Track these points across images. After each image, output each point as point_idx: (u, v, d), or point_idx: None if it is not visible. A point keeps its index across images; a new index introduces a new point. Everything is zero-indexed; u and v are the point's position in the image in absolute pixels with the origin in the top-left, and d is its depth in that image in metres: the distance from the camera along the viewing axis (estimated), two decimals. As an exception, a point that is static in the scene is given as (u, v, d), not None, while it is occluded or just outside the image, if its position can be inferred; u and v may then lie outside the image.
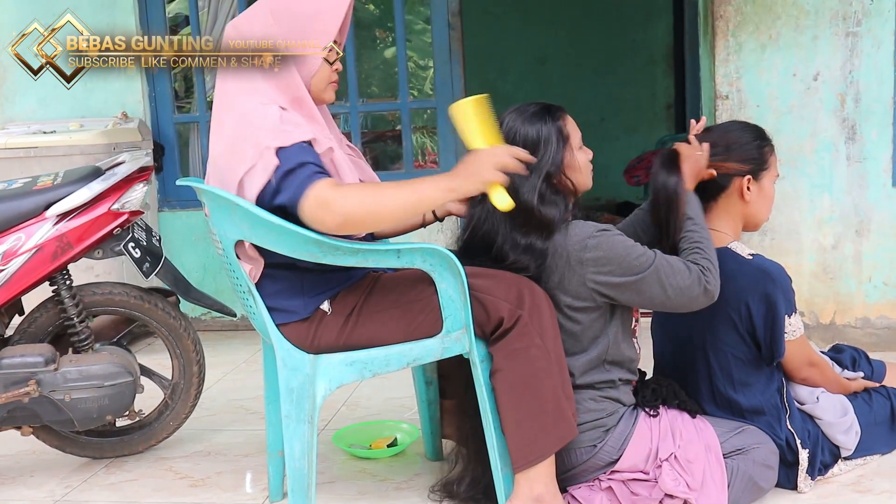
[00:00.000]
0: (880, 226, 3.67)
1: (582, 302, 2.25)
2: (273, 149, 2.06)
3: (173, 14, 7.09)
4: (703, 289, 2.21)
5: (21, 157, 3.95)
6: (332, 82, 2.28)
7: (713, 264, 2.25)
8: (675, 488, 2.22)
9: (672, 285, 2.20)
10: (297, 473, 2.24)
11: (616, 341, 2.30)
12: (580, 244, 2.23)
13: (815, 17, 3.60)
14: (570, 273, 2.23)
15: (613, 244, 2.22)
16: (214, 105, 2.29)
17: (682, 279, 2.20)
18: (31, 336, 2.78)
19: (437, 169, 4.75)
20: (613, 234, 2.24)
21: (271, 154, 2.06)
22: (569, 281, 2.24)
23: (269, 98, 2.17)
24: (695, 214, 2.34)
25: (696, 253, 2.27)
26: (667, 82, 8.01)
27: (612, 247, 2.21)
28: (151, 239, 2.84)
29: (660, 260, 2.21)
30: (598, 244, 2.22)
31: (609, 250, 2.21)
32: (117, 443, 2.92)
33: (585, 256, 2.22)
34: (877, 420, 2.55)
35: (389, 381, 3.30)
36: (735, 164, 2.41)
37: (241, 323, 4.33)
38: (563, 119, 2.31)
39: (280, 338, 2.24)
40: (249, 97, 2.18)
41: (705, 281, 2.21)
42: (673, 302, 2.22)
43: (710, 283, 2.22)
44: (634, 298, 2.24)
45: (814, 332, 3.69)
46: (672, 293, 2.20)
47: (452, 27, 4.44)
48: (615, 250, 2.21)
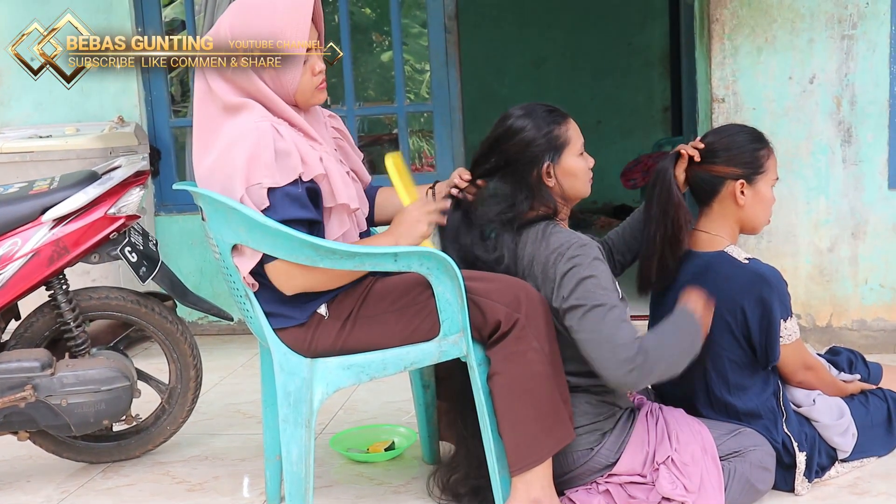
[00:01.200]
0: (876, 228, 3.68)
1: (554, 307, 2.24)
2: (265, 188, 2.10)
3: (169, 18, 7.08)
4: (628, 358, 2.09)
5: (17, 162, 3.95)
6: (319, 86, 2.28)
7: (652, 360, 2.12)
8: (672, 491, 2.22)
9: (606, 333, 2.11)
10: (295, 477, 2.23)
11: None
12: (556, 252, 2.21)
13: (810, 20, 3.61)
14: (543, 278, 2.23)
15: (588, 262, 2.17)
16: (195, 121, 2.28)
17: (620, 336, 2.11)
18: (28, 341, 2.77)
19: (434, 172, 4.75)
20: (592, 254, 2.19)
21: (262, 193, 2.11)
22: (543, 287, 2.23)
23: (259, 114, 2.17)
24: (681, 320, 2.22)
25: (647, 338, 2.17)
26: (663, 85, 8.02)
27: (585, 264, 2.17)
28: (148, 243, 2.84)
29: (618, 308, 2.14)
30: (570, 257, 2.19)
31: (581, 264, 2.17)
32: (114, 447, 2.91)
33: (558, 266, 2.20)
34: (873, 422, 2.55)
35: (387, 384, 3.30)
36: (728, 168, 2.40)
37: (238, 327, 4.33)
38: (566, 124, 2.31)
39: (277, 342, 2.24)
40: (239, 115, 2.18)
41: (632, 364, 2.10)
42: (594, 349, 2.13)
43: (636, 369, 2.09)
44: (570, 321, 2.17)
45: (810, 334, 3.70)
46: (600, 338, 2.11)
47: (449, 31, 4.45)
48: (585, 268, 2.16)
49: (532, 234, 2.28)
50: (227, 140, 2.16)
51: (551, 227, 2.27)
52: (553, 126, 2.29)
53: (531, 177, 2.28)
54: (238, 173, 2.11)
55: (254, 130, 2.13)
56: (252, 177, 2.10)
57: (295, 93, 2.24)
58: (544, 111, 2.31)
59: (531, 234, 2.28)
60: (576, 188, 2.32)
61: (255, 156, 2.11)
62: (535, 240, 2.27)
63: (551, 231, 2.26)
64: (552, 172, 2.28)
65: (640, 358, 2.11)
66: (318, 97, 2.29)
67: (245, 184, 2.10)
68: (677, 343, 2.21)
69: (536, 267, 2.25)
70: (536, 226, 2.29)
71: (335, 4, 4.70)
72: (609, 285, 2.18)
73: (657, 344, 2.17)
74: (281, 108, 2.20)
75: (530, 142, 2.27)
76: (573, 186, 2.32)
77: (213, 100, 2.23)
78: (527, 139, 2.28)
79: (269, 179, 2.10)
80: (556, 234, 2.25)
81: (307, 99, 2.27)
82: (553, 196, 2.31)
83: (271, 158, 2.10)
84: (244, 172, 2.11)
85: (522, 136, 2.28)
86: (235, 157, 2.12)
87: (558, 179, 2.29)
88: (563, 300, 2.18)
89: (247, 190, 2.10)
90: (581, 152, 2.32)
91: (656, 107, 8.14)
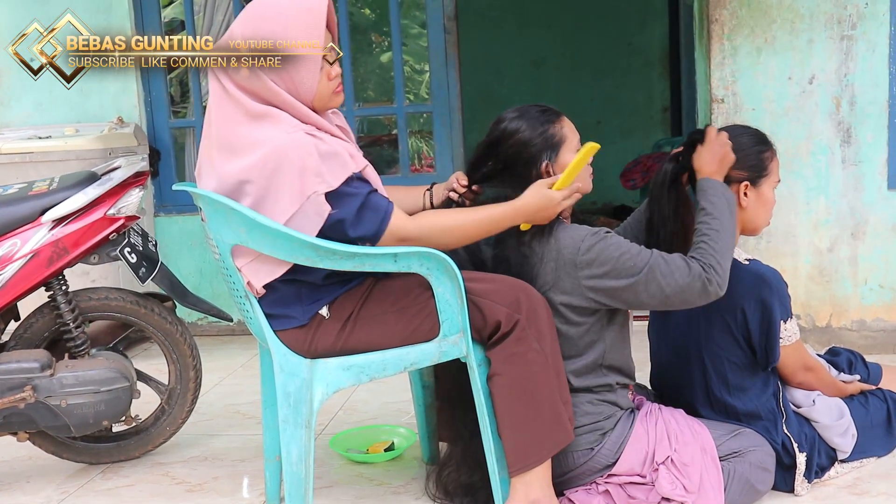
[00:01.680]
0: (876, 228, 3.68)
1: (578, 306, 2.25)
2: (321, 194, 2.09)
3: (169, 19, 7.08)
4: (703, 286, 2.17)
5: (16, 163, 3.95)
6: (336, 90, 2.26)
7: (719, 260, 2.19)
8: (671, 491, 2.22)
9: (669, 284, 2.18)
10: (295, 478, 2.23)
11: (613, 346, 2.31)
12: (574, 248, 2.22)
13: (810, 20, 3.61)
14: (564, 277, 2.23)
15: (607, 247, 2.21)
16: (215, 123, 2.22)
17: (679, 277, 2.18)
18: (27, 341, 2.77)
19: (434, 173, 4.75)
20: (607, 236, 2.23)
21: (321, 200, 2.09)
22: (563, 285, 2.24)
23: (289, 125, 2.14)
24: (710, 204, 2.26)
25: (700, 248, 2.22)
26: (663, 85, 8.02)
27: (605, 249, 2.21)
28: (147, 244, 2.84)
29: (655, 259, 2.20)
30: (590, 247, 2.21)
31: (602, 253, 2.20)
32: (114, 448, 2.91)
33: (580, 260, 2.22)
34: (873, 423, 2.55)
35: (386, 385, 3.29)
36: (732, 171, 2.39)
37: (238, 328, 4.33)
38: (560, 122, 2.32)
39: (277, 342, 2.24)
40: (264, 123, 2.15)
41: (705, 278, 2.17)
42: (672, 301, 2.20)
43: (712, 280, 2.18)
44: (632, 300, 2.23)
45: (810, 334, 3.70)
46: (670, 291, 2.18)
47: (448, 31, 4.45)
48: (609, 253, 2.20)
49: (539, 232, 2.28)
50: (263, 155, 2.12)
51: (557, 225, 2.28)
52: (548, 125, 2.30)
53: (531, 177, 2.28)
54: (287, 191, 2.09)
55: (291, 144, 2.11)
56: (306, 189, 2.09)
57: (313, 98, 2.21)
58: (537, 111, 2.32)
59: (537, 233, 2.29)
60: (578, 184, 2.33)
61: (303, 168, 2.08)
62: (541, 239, 2.27)
63: (558, 228, 2.27)
64: (552, 171, 2.29)
65: (707, 270, 2.18)
66: (335, 101, 2.28)
67: (301, 199, 2.09)
68: (721, 225, 2.24)
69: (551, 263, 2.25)
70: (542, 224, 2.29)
71: (335, 5, 4.70)
72: (632, 247, 2.21)
73: (709, 245, 2.21)
74: (305, 114, 2.19)
75: (527, 142, 2.28)
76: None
77: (232, 103, 2.20)
78: (523, 140, 2.28)
79: (323, 185, 2.09)
80: (568, 229, 2.27)
81: (325, 103, 2.25)
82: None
83: (318, 164, 2.09)
84: (297, 188, 2.09)
85: (518, 137, 2.28)
86: (282, 178, 2.10)
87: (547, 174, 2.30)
88: (603, 289, 2.21)
89: (303, 205, 2.09)
90: (578, 149, 2.33)
91: (656, 107, 8.14)
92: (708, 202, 2.28)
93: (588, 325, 2.27)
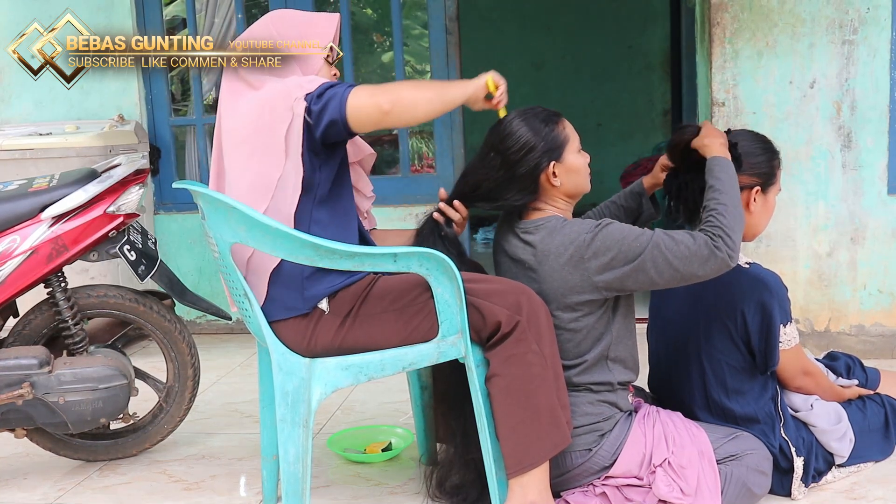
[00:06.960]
0: (875, 233, 3.68)
1: (586, 298, 2.25)
2: (301, 97, 2.14)
3: (170, 17, 7.07)
4: (710, 252, 2.14)
5: (17, 159, 3.95)
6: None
7: (727, 230, 2.17)
8: (668, 494, 2.23)
9: (676, 256, 2.16)
10: (292, 477, 2.23)
11: (619, 338, 2.31)
12: (579, 242, 2.23)
13: (811, 24, 3.61)
14: (571, 270, 2.23)
15: (610, 233, 2.22)
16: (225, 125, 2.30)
17: (685, 248, 2.16)
18: (26, 338, 2.77)
19: (434, 174, 4.75)
20: (608, 225, 2.24)
21: (300, 101, 2.14)
22: (570, 278, 2.24)
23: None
24: (717, 181, 2.26)
25: (707, 221, 2.21)
26: (663, 88, 8.03)
27: (608, 236, 2.21)
28: (147, 242, 2.84)
29: (658, 235, 2.19)
30: (595, 237, 2.22)
31: (606, 240, 2.21)
32: (111, 446, 2.91)
33: (587, 253, 2.22)
34: (871, 427, 2.55)
35: (384, 385, 3.30)
36: (746, 178, 2.38)
37: (237, 326, 4.33)
38: (562, 124, 2.32)
39: (275, 341, 2.24)
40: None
41: (712, 245, 2.15)
42: (683, 273, 2.17)
43: (720, 247, 2.15)
44: (644, 280, 2.20)
45: (808, 339, 3.70)
46: (678, 263, 2.16)
47: (450, 32, 4.45)
48: (613, 238, 2.21)
49: (544, 232, 2.29)
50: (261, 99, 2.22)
51: (560, 222, 2.30)
52: (550, 127, 2.30)
53: (537, 180, 2.29)
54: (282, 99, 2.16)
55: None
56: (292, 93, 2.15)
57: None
58: (537, 114, 2.32)
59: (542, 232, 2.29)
60: (579, 184, 2.35)
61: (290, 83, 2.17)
62: (544, 237, 2.28)
63: (562, 225, 2.28)
64: (557, 172, 2.29)
65: (714, 239, 2.16)
66: None
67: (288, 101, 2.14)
68: (729, 199, 2.22)
69: (557, 259, 2.25)
70: (546, 223, 2.30)
71: (336, 5, 4.70)
72: (634, 229, 2.22)
73: (716, 218, 2.19)
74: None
75: (532, 146, 2.28)
76: (577, 183, 2.34)
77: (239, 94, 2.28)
78: (527, 144, 2.28)
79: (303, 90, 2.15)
80: (571, 223, 2.28)
81: None
82: (558, 195, 2.33)
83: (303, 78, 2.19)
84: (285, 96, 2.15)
85: (522, 141, 2.28)
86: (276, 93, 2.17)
87: (563, 178, 2.31)
88: (614, 278, 2.21)
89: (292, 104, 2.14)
90: (579, 149, 2.34)
91: (656, 110, 8.15)
92: (715, 179, 2.26)
93: (595, 319, 2.27)
